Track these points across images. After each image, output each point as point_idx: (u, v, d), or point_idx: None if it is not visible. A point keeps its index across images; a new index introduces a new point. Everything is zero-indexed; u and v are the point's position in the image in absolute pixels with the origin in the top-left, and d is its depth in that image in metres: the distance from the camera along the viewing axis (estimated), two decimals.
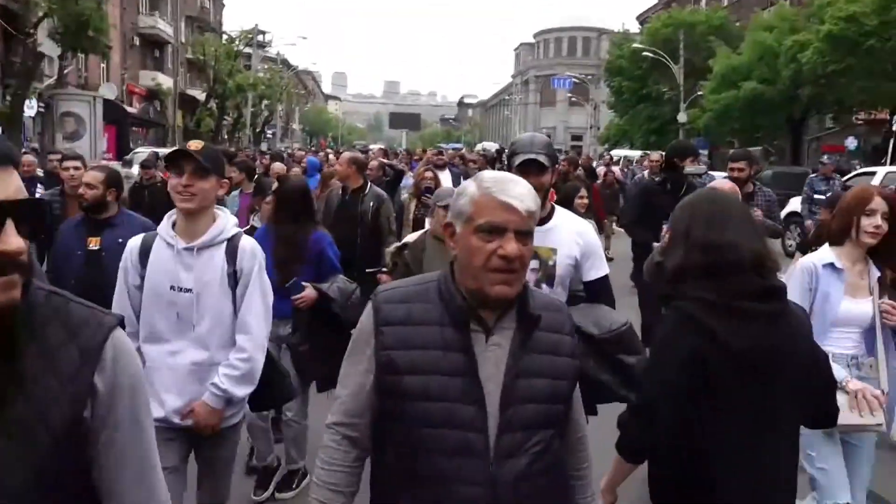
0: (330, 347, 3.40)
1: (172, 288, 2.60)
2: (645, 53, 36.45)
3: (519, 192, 1.60)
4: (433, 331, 1.60)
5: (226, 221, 2.71)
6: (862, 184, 4.12)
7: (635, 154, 29.58)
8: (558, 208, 2.83)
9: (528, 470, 1.59)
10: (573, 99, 67.36)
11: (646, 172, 11.17)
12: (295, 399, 3.67)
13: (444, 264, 3.45)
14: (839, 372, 2.72)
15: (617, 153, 33.35)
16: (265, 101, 38.64)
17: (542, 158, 2.69)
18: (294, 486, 4.03)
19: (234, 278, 2.65)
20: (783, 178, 16.93)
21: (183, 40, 42.69)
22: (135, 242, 2.71)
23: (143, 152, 15.59)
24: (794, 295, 2.86)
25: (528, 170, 2.60)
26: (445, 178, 8.50)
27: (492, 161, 14.41)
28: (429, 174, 6.69)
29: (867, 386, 2.72)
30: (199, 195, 2.58)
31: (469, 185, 1.67)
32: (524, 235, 1.59)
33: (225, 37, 34.13)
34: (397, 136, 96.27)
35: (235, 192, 6.19)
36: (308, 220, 4.11)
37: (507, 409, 1.58)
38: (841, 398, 2.68)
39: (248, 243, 2.72)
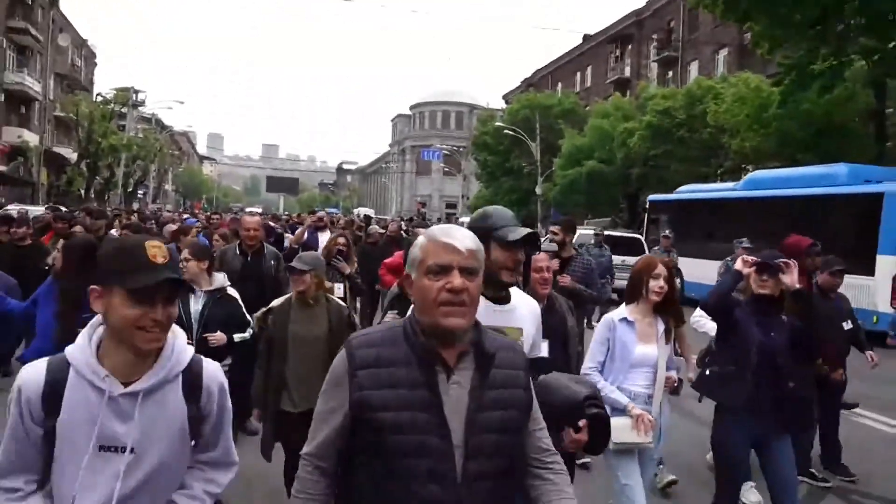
0: None
1: (102, 448, 1.76)
2: (506, 131, 39.99)
3: (459, 234, 1.82)
4: (401, 371, 1.74)
5: (175, 340, 1.85)
6: (647, 254, 4.91)
7: None
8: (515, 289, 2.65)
9: (493, 493, 1.75)
10: (446, 169, 70.79)
11: None
12: None
13: (309, 323, 4.00)
14: (621, 398, 3.52)
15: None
16: (138, 162, 38.54)
17: (536, 232, 2.53)
18: None
19: (196, 423, 1.88)
20: (620, 242, 19.47)
21: (52, 97, 42.04)
22: (33, 379, 1.76)
23: (12, 209, 15.80)
24: (595, 343, 3.74)
25: (520, 245, 2.44)
26: (326, 238, 8.72)
27: (361, 226, 15.28)
28: (341, 239, 6.70)
29: (644, 412, 3.50)
30: (171, 326, 1.83)
31: (419, 238, 1.87)
32: (468, 272, 1.76)
33: (99, 97, 34.02)
34: (275, 200, 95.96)
35: None
36: (92, 274, 4.47)
37: (471, 440, 1.72)
38: (624, 420, 3.45)
39: (211, 368, 1.93)
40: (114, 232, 8.77)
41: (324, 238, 8.75)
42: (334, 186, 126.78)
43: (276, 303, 4.30)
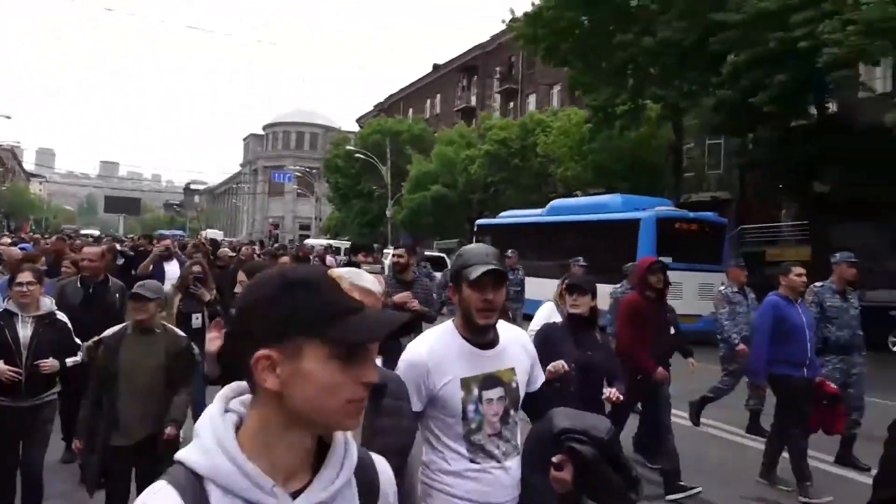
0: None
1: None
2: (358, 155, 40.80)
3: (371, 279, 2.02)
4: None
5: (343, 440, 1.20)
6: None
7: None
8: (502, 325, 2.43)
9: None
10: (300, 191, 70.29)
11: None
12: None
13: (144, 353, 3.89)
14: None
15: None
16: None
17: (500, 269, 2.28)
18: None
19: None
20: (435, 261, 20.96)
21: None
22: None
23: None
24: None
25: (486, 282, 2.22)
26: (174, 268, 8.37)
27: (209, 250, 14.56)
28: (196, 268, 6.38)
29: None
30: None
31: None
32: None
33: None
34: (114, 221, 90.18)
35: None
36: None
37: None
38: None
39: (384, 466, 1.32)
40: None
41: (170, 268, 8.37)
42: (181, 207, 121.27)
43: (108, 332, 4.13)
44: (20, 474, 4.39)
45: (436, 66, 51.53)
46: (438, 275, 11.24)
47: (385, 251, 18.54)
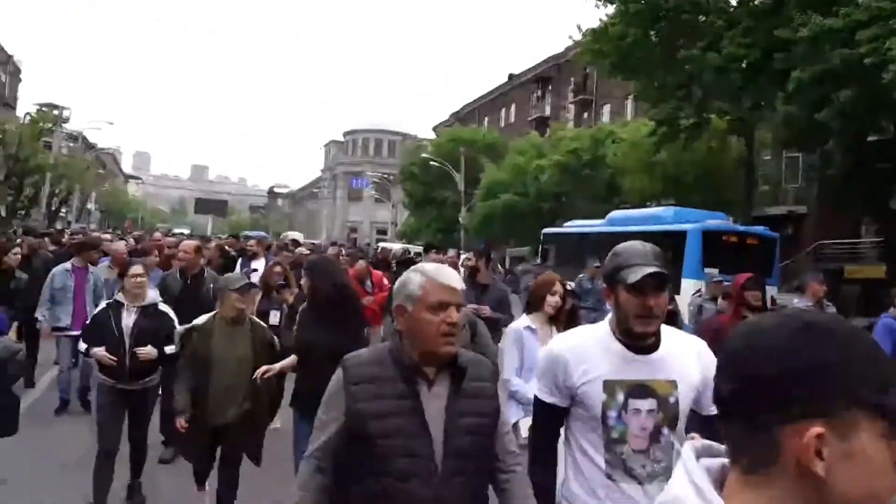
0: None
1: None
2: (432, 162, 41.83)
3: (452, 274, 2.13)
4: (389, 385, 2.02)
5: None
6: (548, 272, 5.16)
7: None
8: (663, 327, 2.20)
9: (467, 488, 2.01)
10: (377, 196, 72.05)
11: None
12: None
13: (231, 343, 4.24)
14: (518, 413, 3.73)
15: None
16: (64, 181, 38.41)
17: (664, 271, 2.09)
18: None
19: None
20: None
21: None
22: None
23: None
24: (508, 352, 4.07)
25: (647, 286, 2.05)
26: (260, 266, 8.81)
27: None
28: (277, 268, 6.78)
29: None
30: None
31: (414, 276, 2.11)
32: (458, 308, 2.08)
33: (26, 116, 33.90)
34: (202, 221, 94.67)
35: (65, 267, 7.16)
36: None
37: (448, 442, 1.99)
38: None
39: None
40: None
41: (258, 265, 8.90)
42: (265, 210, 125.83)
43: (199, 321, 4.41)
44: (130, 445, 4.83)
45: (511, 76, 52.14)
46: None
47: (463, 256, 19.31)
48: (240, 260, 10.07)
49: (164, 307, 4.95)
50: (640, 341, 2.10)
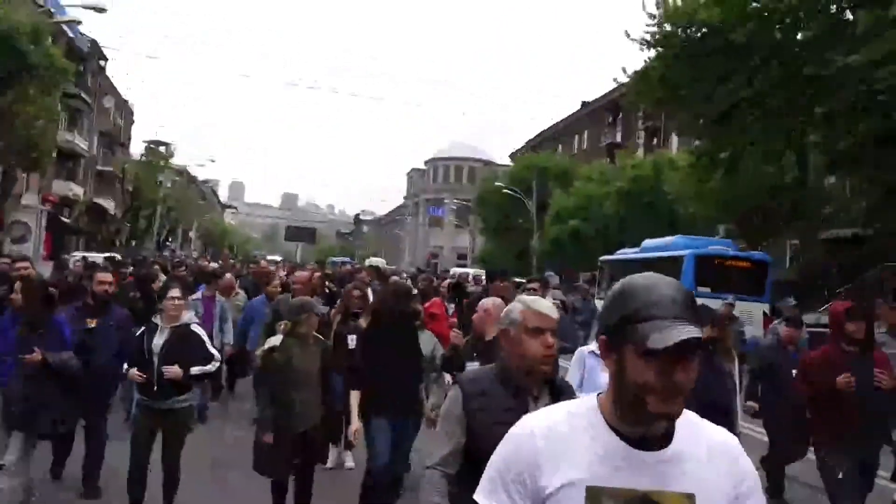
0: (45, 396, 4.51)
1: None
2: (506, 190, 43.52)
3: (546, 305, 2.58)
4: (499, 398, 2.46)
5: None
6: None
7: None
8: (684, 415, 1.45)
9: None
10: (456, 223, 74.08)
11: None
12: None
13: (304, 359, 4.73)
14: None
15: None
16: (172, 213, 42.68)
17: (699, 332, 1.38)
18: None
19: None
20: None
21: (94, 153, 46.49)
22: None
23: (76, 255, 19.33)
24: (571, 372, 4.42)
25: (675, 354, 1.34)
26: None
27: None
28: (356, 292, 6.71)
29: None
30: None
31: (516, 305, 2.61)
32: (553, 333, 2.52)
33: (143, 158, 38.21)
34: (292, 248, 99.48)
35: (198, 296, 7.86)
36: (48, 306, 4.87)
37: None
38: None
39: None
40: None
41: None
42: (351, 236, 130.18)
43: (275, 340, 4.80)
44: (163, 463, 4.95)
45: (584, 104, 53.40)
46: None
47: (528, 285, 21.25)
48: None
49: (196, 328, 5.03)
50: (647, 427, 1.42)
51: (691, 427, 1.48)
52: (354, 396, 4.74)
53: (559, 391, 2.55)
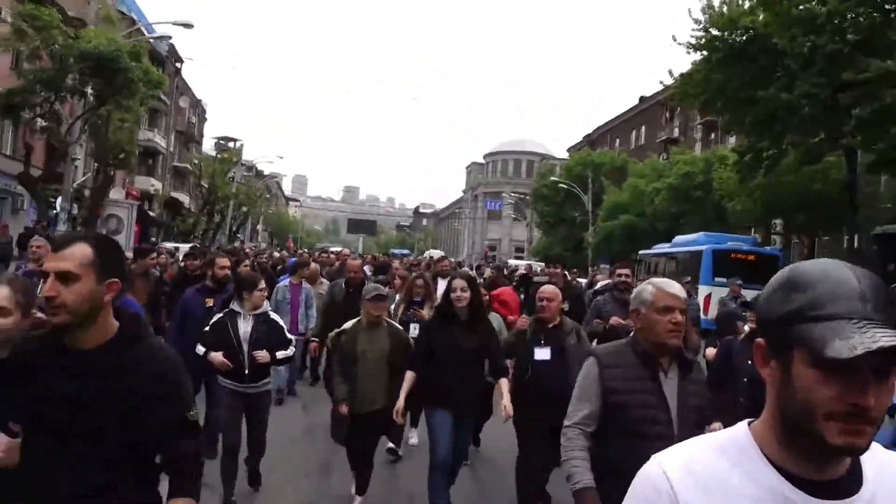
0: None
1: None
2: (561, 185, 44.29)
3: (676, 287, 2.85)
4: (632, 369, 2.78)
5: None
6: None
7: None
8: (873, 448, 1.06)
9: None
10: (514, 216, 74.90)
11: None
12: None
13: (372, 342, 4.96)
14: None
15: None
16: (242, 208, 45.26)
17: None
18: None
19: None
20: None
21: (171, 150, 49.54)
22: None
23: (167, 245, 21.28)
24: None
25: (866, 369, 0.99)
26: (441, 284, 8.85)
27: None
28: (419, 281, 6.85)
29: None
30: None
31: (647, 287, 2.88)
32: (683, 311, 2.81)
33: (217, 155, 40.81)
34: (353, 240, 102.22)
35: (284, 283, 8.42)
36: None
37: (682, 414, 2.73)
38: None
39: None
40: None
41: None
42: (410, 229, 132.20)
43: (347, 325, 5.01)
44: (249, 438, 5.18)
45: (642, 99, 53.50)
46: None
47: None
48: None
49: (274, 316, 5.28)
50: (821, 464, 1.05)
51: (879, 463, 1.09)
52: (409, 377, 4.69)
53: (688, 364, 2.88)
